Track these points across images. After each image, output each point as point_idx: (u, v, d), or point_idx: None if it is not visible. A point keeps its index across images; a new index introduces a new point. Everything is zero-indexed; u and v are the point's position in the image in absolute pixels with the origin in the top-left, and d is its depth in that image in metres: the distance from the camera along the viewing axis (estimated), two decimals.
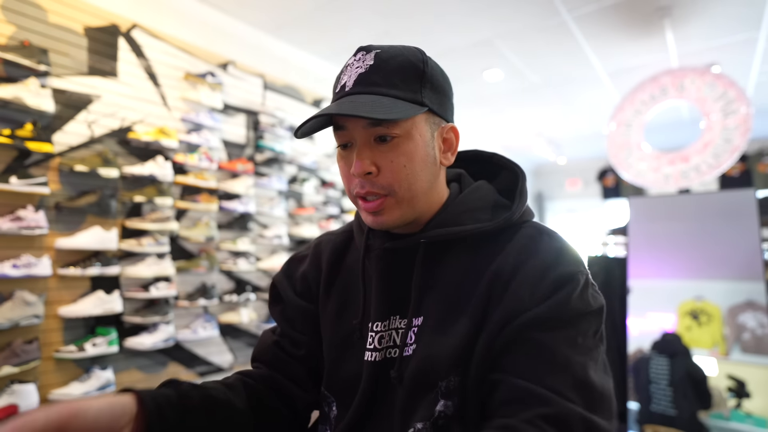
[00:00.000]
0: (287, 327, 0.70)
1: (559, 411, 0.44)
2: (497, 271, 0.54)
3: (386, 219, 0.56)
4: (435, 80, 0.56)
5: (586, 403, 0.46)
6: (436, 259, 0.59)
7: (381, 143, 0.53)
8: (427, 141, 0.56)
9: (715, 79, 2.71)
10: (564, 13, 2.63)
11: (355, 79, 0.54)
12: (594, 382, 0.48)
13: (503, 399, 0.48)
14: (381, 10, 2.63)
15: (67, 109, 2.04)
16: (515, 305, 0.51)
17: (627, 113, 3.03)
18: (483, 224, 0.57)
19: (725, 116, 2.66)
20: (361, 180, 0.54)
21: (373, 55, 0.54)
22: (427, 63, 0.55)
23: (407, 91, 0.53)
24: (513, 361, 0.49)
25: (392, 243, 0.60)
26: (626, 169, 3.04)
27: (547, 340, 0.49)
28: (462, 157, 0.69)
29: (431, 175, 0.57)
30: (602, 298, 0.54)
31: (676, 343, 2.11)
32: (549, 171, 7.05)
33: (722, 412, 1.97)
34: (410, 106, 0.52)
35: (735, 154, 2.63)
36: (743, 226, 2.12)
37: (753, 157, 5.15)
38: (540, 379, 0.47)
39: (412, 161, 0.54)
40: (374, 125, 0.52)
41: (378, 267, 0.61)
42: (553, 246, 0.55)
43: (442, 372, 0.53)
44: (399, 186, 0.54)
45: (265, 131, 2.91)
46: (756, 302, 2.03)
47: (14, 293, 1.79)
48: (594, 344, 0.51)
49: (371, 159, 0.53)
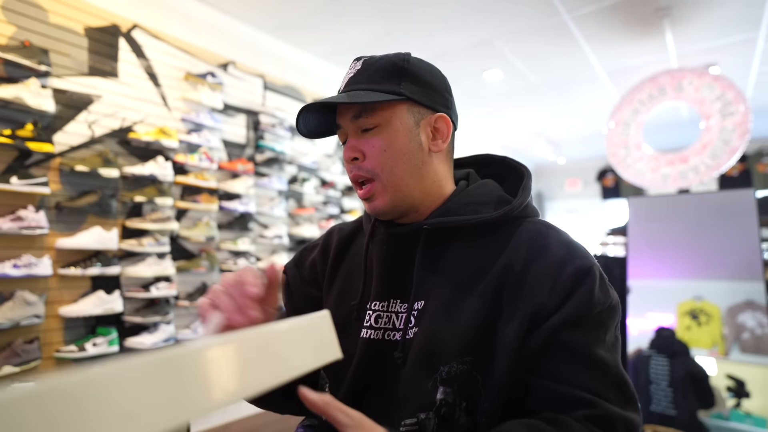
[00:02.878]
0: (294, 316, 0.73)
1: (604, 413, 0.47)
2: (509, 262, 0.56)
3: (377, 204, 0.61)
4: (417, 75, 0.61)
5: (621, 399, 0.49)
6: (439, 246, 0.61)
7: (365, 133, 0.60)
8: (409, 128, 0.60)
9: (713, 80, 2.72)
10: (564, 14, 2.63)
11: (346, 83, 0.62)
12: (625, 377, 0.51)
13: (544, 402, 0.50)
14: (381, 11, 2.63)
15: (67, 110, 2.04)
16: (538, 301, 0.53)
17: (625, 112, 3.04)
18: (484, 215, 0.59)
19: (723, 118, 2.67)
20: (350, 165, 0.62)
21: (362, 62, 0.62)
22: (409, 61, 0.61)
23: (386, 85, 0.59)
24: (549, 365, 0.51)
25: (396, 229, 0.64)
26: (624, 168, 3.05)
27: (580, 342, 0.51)
28: (473, 161, 0.73)
29: (417, 160, 0.61)
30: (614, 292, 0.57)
31: (674, 341, 2.11)
32: (549, 171, 7.06)
33: (721, 411, 1.97)
34: (381, 95, 0.58)
35: (733, 156, 2.64)
36: (743, 226, 2.13)
37: (752, 157, 5.15)
38: (579, 382, 0.49)
39: (392, 146, 0.59)
40: (356, 118, 0.60)
41: (380, 251, 0.64)
42: (562, 240, 0.58)
43: (446, 356, 0.54)
44: (381, 169, 0.59)
45: (265, 131, 2.91)
46: (755, 302, 2.03)
47: (15, 293, 1.79)
48: (616, 338, 0.54)
49: (356, 146, 0.60)
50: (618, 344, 0.54)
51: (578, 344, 0.51)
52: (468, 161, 0.73)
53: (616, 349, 0.53)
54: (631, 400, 0.50)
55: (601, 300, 0.53)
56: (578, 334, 0.51)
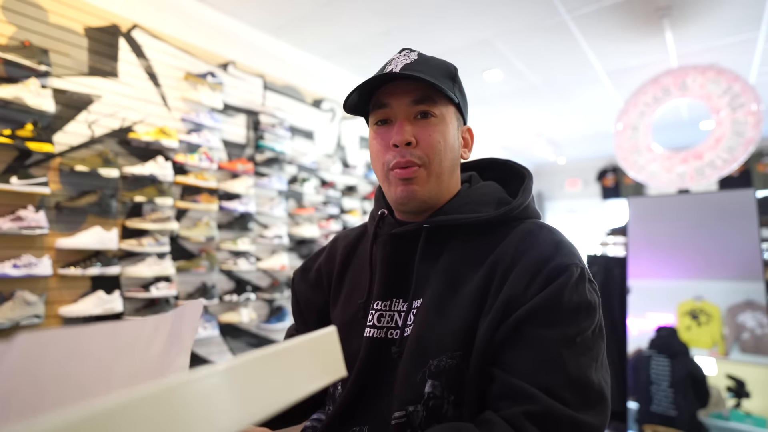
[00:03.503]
0: (301, 323, 0.76)
1: (546, 409, 0.45)
2: (497, 260, 0.56)
3: (417, 188, 0.60)
4: (461, 86, 0.66)
5: (579, 401, 0.47)
6: (438, 245, 0.62)
7: (421, 119, 0.60)
8: (455, 131, 0.63)
9: (717, 74, 2.70)
10: (564, 13, 2.63)
11: (402, 67, 0.60)
12: (592, 381, 0.48)
13: (496, 394, 0.50)
14: (381, 11, 2.63)
15: (67, 110, 2.04)
16: (512, 294, 0.53)
17: (632, 116, 3.02)
18: (482, 214, 0.60)
19: (734, 110, 2.64)
20: (401, 150, 0.60)
21: (417, 53, 0.62)
22: (458, 71, 0.65)
23: (446, 84, 0.60)
24: (509, 356, 0.51)
25: (398, 228, 0.64)
26: (638, 171, 3.00)
27: (542, 337, 0.50)
28: (477, 165, 0.75)
29: (455, 161, 0.64)
30: (597, 295, 0.55)
31: (674, 341, 2.11)
32: (549, 171, 7.05)
33: (722, 411, 1.97)
34: (449, 92, 0.60)
35: (750, 147, 2.59)
36: (743, 226, 2.13)
37: (752, 157, 5.15)
38: (532, 376, 0.48)
39: (445, 140, 0.61)
40: (419, 102, 0.59)
41: (383, 251, 0.65)
42: (552, 239, 0.57)
43: (434, 350, 0.54)
44: (433, 158, 0.60)
45: (265, 131, 2.91)
46: (755, 302, 2.03)
47: (15, 293, 1.79)
48: (593, 342, 0.52)
49: (412, 132, 0.60)
50: (597, 350, 0.52)
51: (539, 339, 0.50)
52: (472, 165, 0.75)
53: (593, 354, 0.51)
54: (593, 404, 0.48)
55: (572, 299, 0.51)
56: (541, 329, 0.50)
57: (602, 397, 0.49)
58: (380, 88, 0.62)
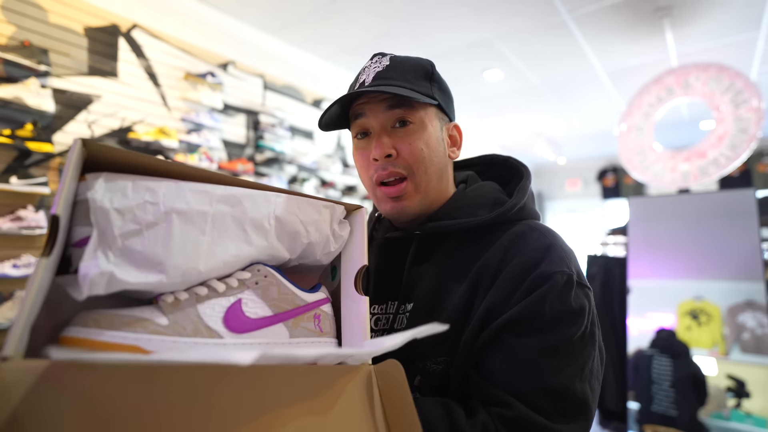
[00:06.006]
0: None
1: (518, 416, 0.45)
2: (484, 265, 0.55)
3: (406, 204, 0.59)
4: (441, 82, 0.63)
5: (557, 411, 0.46)
6: (430, 250, 0.61)
7: (399, 128, 0.58)
8: (437, 132, 0.61)
9: (719, 71, 2.69)
10: (564, 14, 2.63)
11: (374, 76, 0.58)
12: (574, 390, 0.47)
13: (475, 398, 0.50)
14: (381, 12, 2.63)
15: (67, 109, 2.04)
16: (494, 302, 0.52)
17: (636, 117, 3.01)
18: (474, 218, 0.59)
19: (736, 107, 2.63)
20: (382, 162, 0.58)
21: (389, 58, 0.60)
22: (434, 67, 0.62)
23: (420, 86, 0.59)
24: (488, 363, 0.50)
25: (392, 233, 0.65)
26: (642, 172, 2.98)
27: (520, 345, 0.49)
28: (480, 161, 0.74)
29: (443, 164, 0.62)
30: (587, 300, 0.53)
31: (675, 342, 2.11)
32: (549, 171, 7.05)
33: (722, 411, 1.97)
34: (424, 96, 0.58)
35: (752, 143, 2.58)
36: (743, 226, 2.13)
37: (753, 157, 5.15)
38: (509, 384, 0.48)
39: (428, 146, 0.59)
40: (394, 108, 0.57)
41: (378, 255, 0.66)
42: (542, 243, 0.55)
43: (421, 354, 0.54)
44: (417, 167, 0.58)
45: (265, 131, 2.91)
46: (755, 302, 2.03)
47: (14, 293, 1.79)
48: (579, 349, 0.50)
49: (391, 143, 0.58)
50: (583, 357, 0.50)
51: (517, 347, 0.49)
52: (474, 161, 0.73)
53: (578, 362, 0.49)
54: (573, 414, 0.46)
55: (554, 307, 0.49)
56: (520, 337, 0.49)
57: (584, 407, 0.48)
58: (356, 99, 0.60)
